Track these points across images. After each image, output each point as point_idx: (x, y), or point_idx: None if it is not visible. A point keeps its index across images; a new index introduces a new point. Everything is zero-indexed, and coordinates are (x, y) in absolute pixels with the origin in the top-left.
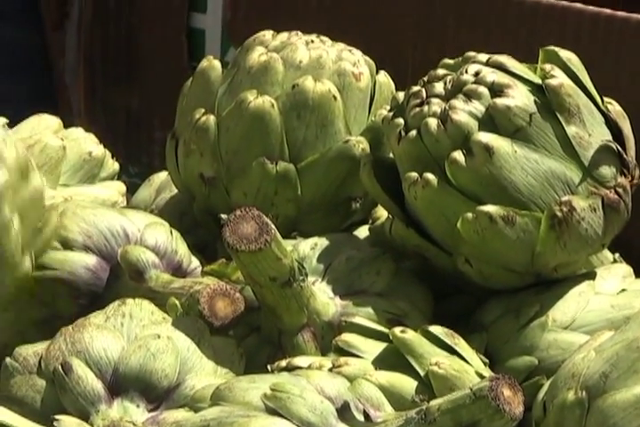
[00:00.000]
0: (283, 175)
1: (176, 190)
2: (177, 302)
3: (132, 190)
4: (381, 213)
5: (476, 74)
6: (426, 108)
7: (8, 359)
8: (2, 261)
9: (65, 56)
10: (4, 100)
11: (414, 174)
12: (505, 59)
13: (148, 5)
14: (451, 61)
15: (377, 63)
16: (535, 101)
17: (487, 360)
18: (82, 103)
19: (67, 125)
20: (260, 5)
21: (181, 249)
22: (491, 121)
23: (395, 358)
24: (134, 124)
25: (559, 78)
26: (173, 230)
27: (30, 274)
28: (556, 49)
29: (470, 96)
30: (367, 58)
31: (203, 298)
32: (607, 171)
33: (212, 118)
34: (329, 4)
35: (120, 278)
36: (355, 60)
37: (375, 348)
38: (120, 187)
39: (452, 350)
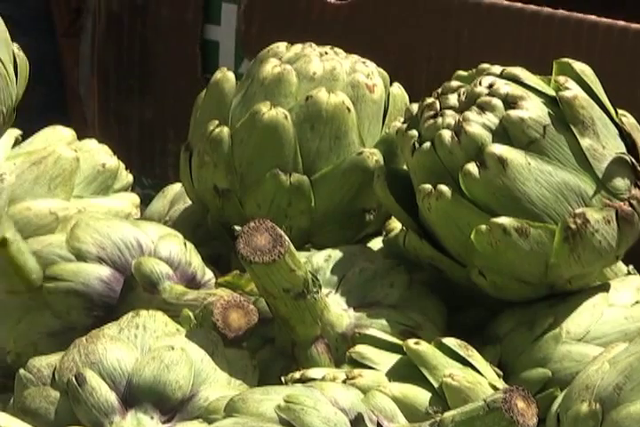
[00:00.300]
0: (296, 187)
1: (190, 202)
2: (190, 313)
3: (145, 202)
4: (395, 225)
5: (490, 86)
6: (440, 119)
7: (22, 371)
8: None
9: (79, 67)
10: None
11: (428, 186)
12: (519, 71)
13: (161, 17)
14: (465, 73)
15: (391, 75)
16: (549, 113)
17: (501, 372)
18: (96, 115)
19: (80, 137)
20: (274, 18)
21: (195, 261)
22: (504, 133)
23: (408, 370)
24: (148, 136)
25: (573, 90)
26: (187, 242)
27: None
28: (570, 61)
29: (484, 108)
30: (381, 70)
31: (216, 310)
32: (621, 183)
33: (225, 130)
34: (343, 17)
35: (134, 290)
36: (368, 72)
37: (389, 360)
38: (134, 198)
39: (465, 362)
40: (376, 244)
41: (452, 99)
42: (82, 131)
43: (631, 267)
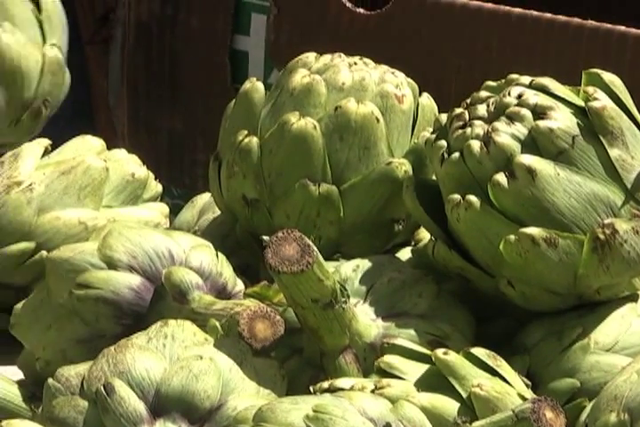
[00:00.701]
0: (325, 197)
1: (219, 212)
2: (217, 323)
3: (175, 212)
4: (424, 235)
5: (519, 96)
6: (469, 130)
7: (50, 380)
8: None
9: (108, 77)
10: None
11: (457, 196)
12: (548, 81)
13: (191, 27)
14: (494, 84)
15: (420, 86)
16: (578, 124)
17: (529, 382)
18: (125, 125)
19: (109, 146)
20: (303, 28)
21: (226, 271)
22: (533, 143)
23: (437, 380)
24: (177, 146)
25: (602, 101)
26: (219, 253)
27: None
28: (599, 72)
29: (513, 118)
30: (410, 80)
31: (242, 320)
32: None
33: (254, 140)
34: (372, 26)
35: (164, 299)
36: (397, 83)
37: (417, 369)
38: (163, 208)
39: (494, 372)
40: (405, 254)
41: (481, 109)
42: (109, 140)
43: None
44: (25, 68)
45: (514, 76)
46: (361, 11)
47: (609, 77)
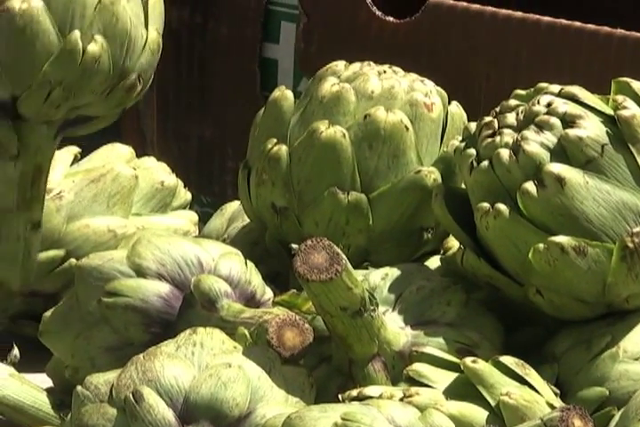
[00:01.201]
0: (354, 205)
1: (248, 220)
2: (246, 331)
3: (204, 220)
4: (453, 244)
5: (548, 105)
6: (498, 138)
7: (79, 388)
8: None
9: None
10: None
11: (486, 205)
12: (577, 90)
13: (220, 35)
14: (523, 92)
15: (449, 94)
16: (607, 132)
17: (558, 391)
18: (154, 132)
19: (139, 155)
20: (333, 36)
21: (255, 280)
22: (562, 152)
23: (465, 388)
24: (207, 154)
25: (631, 110)
26: (248, 261)
27: None
28: (629, 80)
29: (542, 127)
30: (439, 88)
31: (271, 328)
32: None
33: (284, 148)
34: (402, 35)
35: (192, 307)
36: (427, 91)
37: (446, 378)
38: (192, 216)
39: (522, 381)
40: (434, 262)
41: (511, 118)
42: (138, 148)
43: None
44: (133, 35)
45: (543, 84)
46: (390, 19)
47: (638, 86)
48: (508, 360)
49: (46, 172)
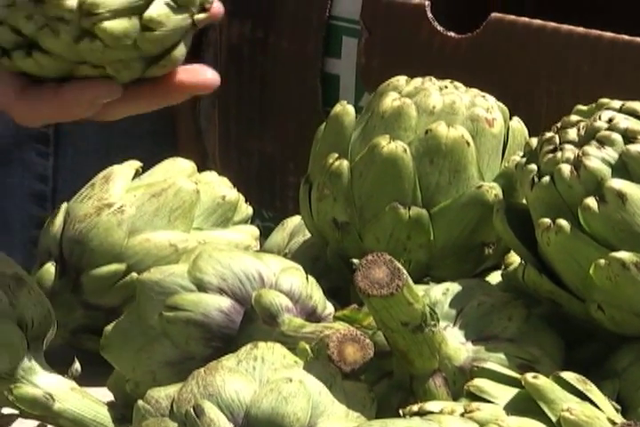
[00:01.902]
0: (415, 220)
1: (309, 235)
2: (307, 346)
3: (265, 234)
4: (514, 259)
5: (610, 120)
6: (559, 154)
7: (140, 402)
8: None
9: (200, 100)
10: (132, 141)
11: (547, 220)
12: (638, 105)
13: (282, 50)
14: (584, 108)
15: (511, 109)
16: None
17: (619, 407)
18: (216, 148)
19: (200, 170)
20: (395, 51)
21: (316, 294)
22: (624, 167)
23: (526, 404)
24: (268, 169)
25: None
26: (309, 276)
27: None
28: None
29: (603, 142)
30: (500, 104)
31: (332, 343)
32: None
33: (345, 163)
34: (464, 50)
35: (253, 322)
36: (488, 106)
37: (506, 393)
38: (253, 231)
39: (584, 397)
40: (495, 278)
41: (572, 133)
42: (202, 163)
43: None
44: None
45: (604, 100)
46: (452, 34)
47: None
48: (569, 376)
49: None
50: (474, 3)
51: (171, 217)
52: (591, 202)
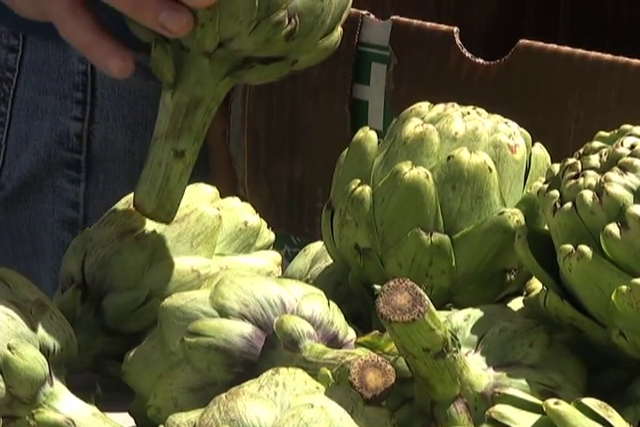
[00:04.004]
0: (437, 246)
1: (331, 260)
2: (328, 372)
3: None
4: (536, 285)
5: (632, 147)
6: (581, 180)
7: None
8: None
9: (230, 126)
10: None
11: (569, 247)
12: None
13: (311, 76)
14: (606, 134)
15: (539, 136)
16: None
17: None
18: (245, 173)
19: (230, 196)
20: (423, 77)
21: (338, 320)
22: None
23: None
24: (297, 195)
25: None
26: (331, 302)
27: None
28: None
29: (625, 169)
30: (523, 130)
31: (354, 369)
32: None
33: (367, 189)
34: (492, 77)
35: (275, 348)
36: (510, 133)
37: (528, 419)
38: (276, 257)
39: (605, 423)
40: (517, 304)
41: (594, 159)
42: (229, 188)
43: None
44: None
45: (627, 126)
46: (480, 60)
47: None
48: (590, 402)
49: (205, 107)
50: (507, 27)
51: (193, 243)
52: (613, 228)
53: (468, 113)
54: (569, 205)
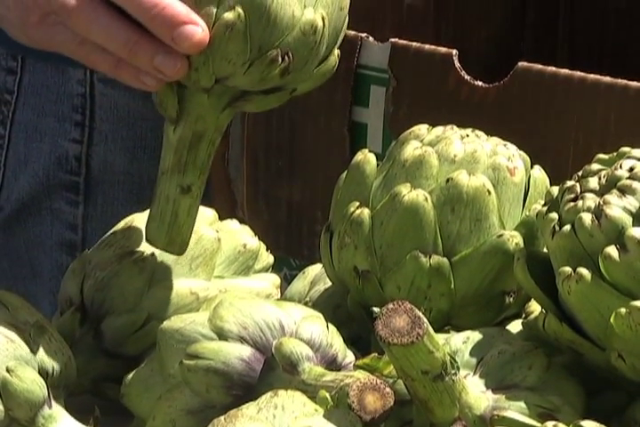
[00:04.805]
0: (436, 269)
1: (330, 283)
2: (327, 394)
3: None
4: (535, 308)
5: (631, 169)
6: (580, 202)
7: None
8: None
9: (229, 149)
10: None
11: (568, 269)
12: None
13: (310, 99)
14: (605, 156)
15: (538, 159)
16: None
17: None
18: (244, 196)
19: (229, 218)
20: (422, 100)
21: (337, 343)
22: None
23: None
24: (296, 217)
25: None
26: (330, 324)
27: None
28: None
29: (624, 191)
30: (522, 152)
31: (352, 391)
32: None
33: (366, 211)
34: (491, 100)
35: (274, 370)
36: (509, 155)
37: None
38: (274, 279)
39: None
40: (515, 326)
41: (593, 182)
42: (229, 211)
43: None
44: (275, 10)
45: (625, 148)
46: (479, 83)
47: None
48: (589, 425)
49: (208, 140)
50: (506, 50)
51: (192, 265)
52: (612, 251)
53: (467, 135)
54: (568, 227)
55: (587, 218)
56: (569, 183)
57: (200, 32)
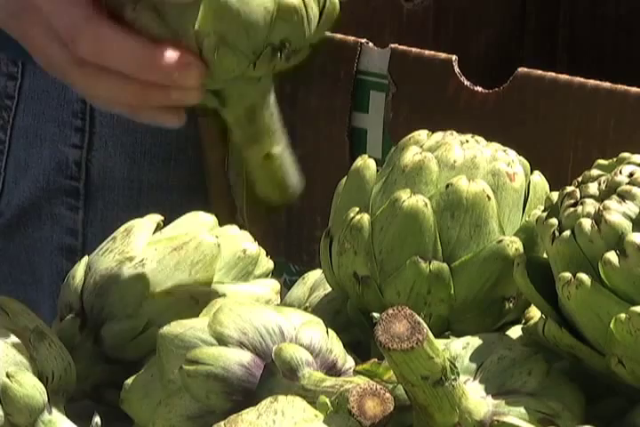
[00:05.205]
0: (436, 274)
1: (330, 288)
2: (327, 400)
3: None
4: (534, 314)
5: (631, 175)
6: (580, 208)
7: None
8: None
9: (229, 154)
10: (162, 196)
11: (568, 275)
12: None
13: (310, 105)
14: (605, 162)
15: (537, 164)
16: None
17: None
18: (244, 201)
19: (228, 223)
20: (422, 106)
21: (336, 348)
22: None
23: None
24: (296, 223)
25: None
26: (329, 330)
27: None
28: None
29: (624, 197)
30: (521, 158)
31: (352, 397)
32: None
33: (366, 217)
34: (491, 105)
35: (274, 376)
36: (509, 161)
37: None
38: (274, 285)
39: None
40: (515, 332)
41: (593, 187)
42: (227, 216)
43: None
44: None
45: (625, 154)
46: (479, 89)
47: None
48: None
49: (261, 108)
50: (505, 55)
51: (192, 271)
52: (612, 256)
53: (467, 141)
54: (567, 233)
55: (586, 223)
56: (569, 189)
57: (195, 67)
